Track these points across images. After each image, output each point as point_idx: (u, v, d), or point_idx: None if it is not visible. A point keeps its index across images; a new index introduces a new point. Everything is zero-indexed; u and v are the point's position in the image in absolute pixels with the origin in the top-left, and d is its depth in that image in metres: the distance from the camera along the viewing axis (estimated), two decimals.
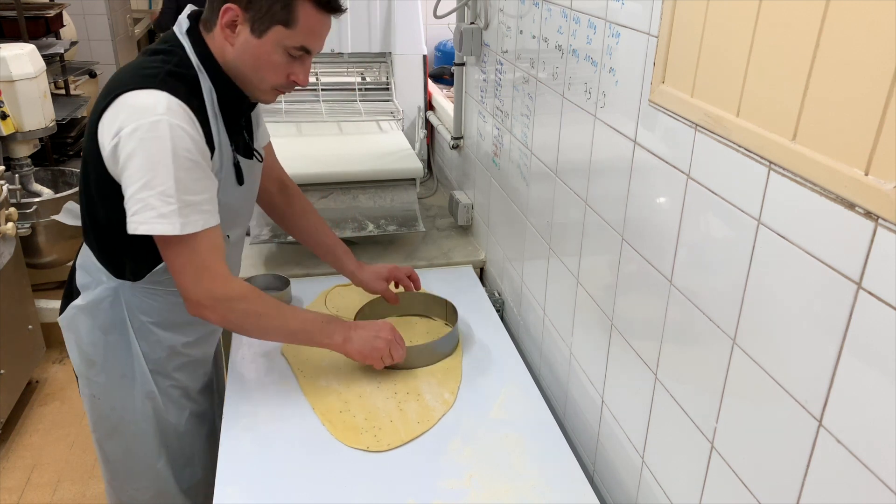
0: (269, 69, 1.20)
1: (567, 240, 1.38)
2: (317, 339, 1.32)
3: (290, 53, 1.18)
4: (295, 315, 1.31)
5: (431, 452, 1.26)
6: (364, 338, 1.34)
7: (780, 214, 0.76)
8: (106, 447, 1.44)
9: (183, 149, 1.10)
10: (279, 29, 1.15)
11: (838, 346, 0.69)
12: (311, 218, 1.61)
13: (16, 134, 2.82)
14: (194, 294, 1.19)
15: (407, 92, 2.44)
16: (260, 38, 1.16)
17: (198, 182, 1.14)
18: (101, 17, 4.52)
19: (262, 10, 1.14)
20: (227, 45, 1.18)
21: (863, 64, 0.64)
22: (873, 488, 0.66)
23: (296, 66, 1.21)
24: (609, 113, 1.15)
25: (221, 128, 1.23)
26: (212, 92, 1.20)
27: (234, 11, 1.15)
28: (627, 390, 1.17)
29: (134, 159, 1.09)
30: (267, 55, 1.18)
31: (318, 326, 1.32)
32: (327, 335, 1.32)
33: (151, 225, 1.11)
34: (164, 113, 1.09)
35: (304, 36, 1.17)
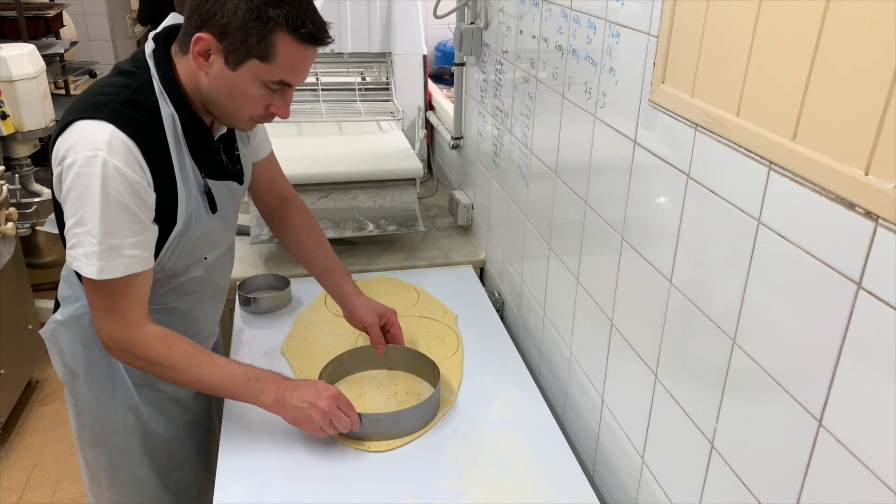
0: (245, 101, 1.13)
1: (567, 240, 1.38)
2: (239, 398, 1.21)
3: (267, 87, 1.11)
4: (212, 370, 1.19)
5: (431, 452, 1.26)
6: (297, 405, 1.19)
7: (780, 214, 0.76)
8: (88, 455, 1.41)
9: (113, 189, 1.05)
10: (255, 63, 1.08)
11: (838, 346, 0.69)
12: (311, 235, 1.51)
13: (16, 134, 2.82)
14: (101, 333, 1.17)
15: (407, 92, 2.44)
16: (235, 70, 1.08)
17: (124, 226, 1.08)
18: (101, 17, 4.52)
19: (237, 43, 1.06)
20: (200, 73, 1.11)
21: (863, 64, 0.64)
22: (873, 488, 0.66)
23: (276, 98, 1.14)
24: (609, 113, 1.15)
25: (186, 156, 1.16)
26: (174, 119, 1.13)
27: (205, 41, 1.07)
28: (627, 390, 1.17)
29: (70, 192, 1.06)
30: (242, 88, 1.10)
31: (241, 384, 1.19)
32: (254, 395, 1.20)
33: (79, 262, 1.09)
34: (101, 148, 1.04)
35: (283, 70, 1.09)
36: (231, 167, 1.29)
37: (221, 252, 1.36)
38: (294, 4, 1.06)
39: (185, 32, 1.12)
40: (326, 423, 1.20)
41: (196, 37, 1.07)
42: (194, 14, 1.08)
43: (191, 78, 1.14)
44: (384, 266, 1.93)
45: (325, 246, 1.50)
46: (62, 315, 1.30)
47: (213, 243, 1.31)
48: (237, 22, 1.05)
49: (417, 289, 1.80)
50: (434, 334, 1.61)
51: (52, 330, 1.32)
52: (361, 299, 1.46)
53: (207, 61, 1.09)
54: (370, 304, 1.46)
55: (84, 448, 1.41)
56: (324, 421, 1.19)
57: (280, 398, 1.20)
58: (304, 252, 1.51)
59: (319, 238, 1.51)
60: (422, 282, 1.84)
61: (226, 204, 1.28)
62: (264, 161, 1.46)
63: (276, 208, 1.51)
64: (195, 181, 1.19)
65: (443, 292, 1.79)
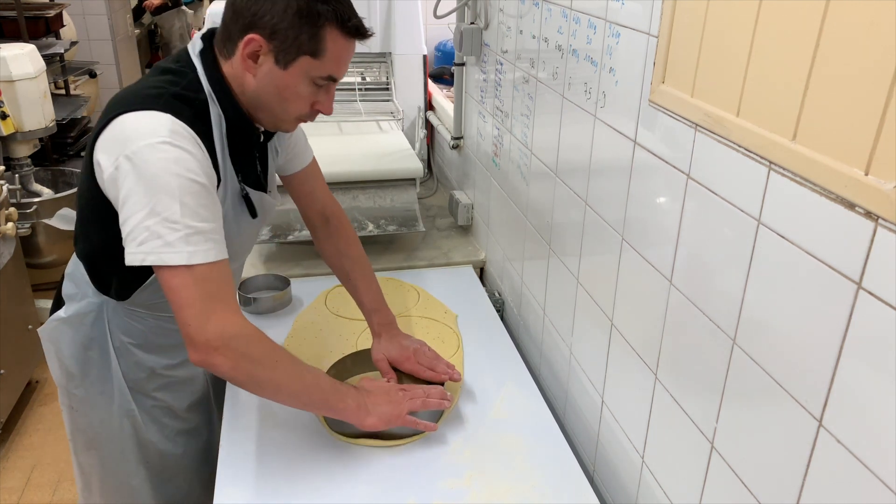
0: (294, 100, 1.13)
1: (567, 240, 1.38)
2: (331, 400, 1.16)
3: (315, 83, 1.11)
4: (309, 369, 1.15)
5: (431, 452, 1.26)
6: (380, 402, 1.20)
7: (780, 214, 0.76)
8: (81, 459, 1.40)
9: (187, 170, 1.02)
10: (306, 59, 1.08)
11: (838, 346, 0.69)
12: (346, 263, 1.45)
13: (16, 134, 2.82)
14: (203, 333, 1.02)
15: (407, 92, 2.44)
16: (285, 69, 1.08)
17: (205, 208, 1.03)
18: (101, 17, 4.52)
19: (288, 41, 1.06)
20: (247, 74, 1.10)
21: (863, 64, 0.64)
22: (873, 488, 0.66)
23: (321, 95, 1.14)
24: (609, 113, 1.15)
25: (227, 158, 1.15)
26: (221, 120, 1.13)
27: (257, 42, 1.06)
28: (627, 390, 1.17)
29: (136, 185, 1.00)
30: (293, 87, 1.10)
31: (331, 385, 1.17)
32: (341, 398, 1.17)
33: (159, 255, 1.00)
34: (167, 136, 1.01)
35: (331, 65, 1.10)
36: (263, 179, 1.27)
37: (240, 265, 1.36)
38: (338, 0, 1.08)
39: (228, 35, 1.11)
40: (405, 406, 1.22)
41: (247, 38, 1.06)
42: (240, 17, 1.07)
43: (237, 81, 1.13)
44: (384, 266, 1.93)
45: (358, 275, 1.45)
46: (66, 313, 1.28)
47: (237, 252, 1.29)
48: (288, 20, 1.05)
49: (417, 289, 1.80)
50: (434, 334, 1.61)
51: (52, 328, 1.30)
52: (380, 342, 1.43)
53: (256, 63, 1.09)
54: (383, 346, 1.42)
55: (78, 451, 1.40)
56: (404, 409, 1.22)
57: (361, 404, 1.19)
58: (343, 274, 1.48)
59: (353, 266, 1.45)
60: (422, 282, 1.84)
61: (262, 212, 1.27)
62: (302, 172, 1.43)
63: (317, 227, 1.47)
64: (231, 185, 1.18)
65: (443, 292, 1.79)
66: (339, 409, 1.17)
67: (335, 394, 1.16)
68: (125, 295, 1.24)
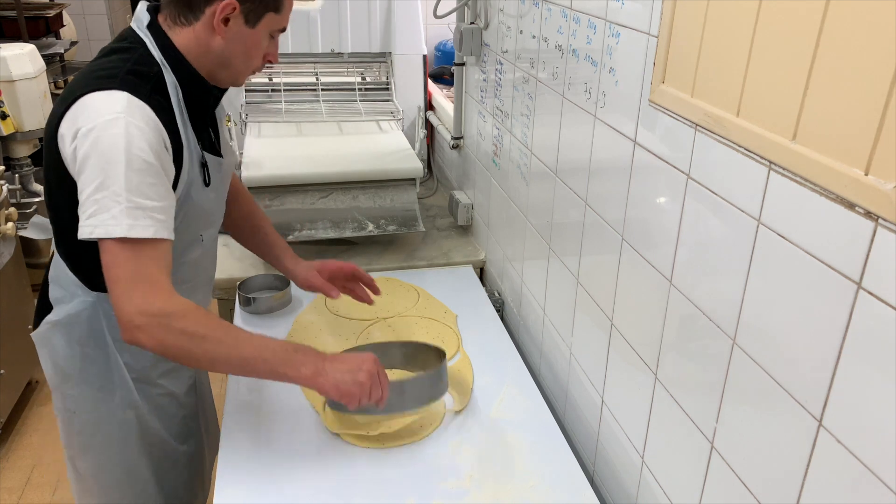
0: (256, 55, 1.22)
1: (567, 240, 1.38)
2: (279, 369, 1.12)
3: (271, 36, 1.23)
4: (251, 341, 1.11)
5: (432, 452, 1.26)
6: (342, 370, 1.14)
7: (780, 214, 0.76)
8: (79, 464, 1.37)
9: (137, 148, 1.04)
10: (270, 16, 1.19)
11: (838, 346, 0.69)
12: (253, 221, 1.55)
13: (16, 134, 2.82)
14: (126, 309, 1.04)
15: (407, 92, 2.44)
16: (254, 27, 1.18)
17: (151, 187, 1.06)
18: (101, 17, 4.52)
19: (257, 1, 1.16)
20: (216, 37, 1.17)
21: (863, 64, 0.64)
22: (873, 488, 0.66)
23: (272, 47, 1.25)
24: (609, 113, 1.15)
25: (188, 124, 1.19)
26: (177, 87, 1.17)
27: (231, 5, 1.14)
28: (627, 390, 1.17)
29: (90, 158, 1.04)
30: (257, 42, 1.20)
31: (279, 356, 1.12)
32: (293, 366, 1.12)
33: (103, 226, 1.03)
34: (122, 112, 1.05)
35: (285, 17, 1.22)
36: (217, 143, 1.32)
37: (213, 233, 1.37)
38: None
39: (186, 4, 1.16)
40: (365, 395, 1.15)
41: (223, 4, 1.13)
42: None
43: (192, 46, 1.18)
44: (384, 266, 1.93)
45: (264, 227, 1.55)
46: (57, 315, 1.26)
47: (208, 221, 1.32)
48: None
49: (417, 289, 1.80)
50: (434, 334, 1.61)
51: (45, 331, 1.28)
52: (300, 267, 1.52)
53: (227, 26, 1.16)
54: (307, 265, 1.52)
55: (74, 456, 1.38)
56: (363, 393, 1.15)
57: (320, 368, 1.13)
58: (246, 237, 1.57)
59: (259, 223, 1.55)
60: (422, 282, 1.84)
61: (218, 179, 1.30)
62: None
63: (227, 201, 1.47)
64: (195, 151, 1.21)
65: (443, 292, 1.79)
66: (292, 378, 1.13)
67: (286, 364, 1.12)
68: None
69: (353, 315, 1.66)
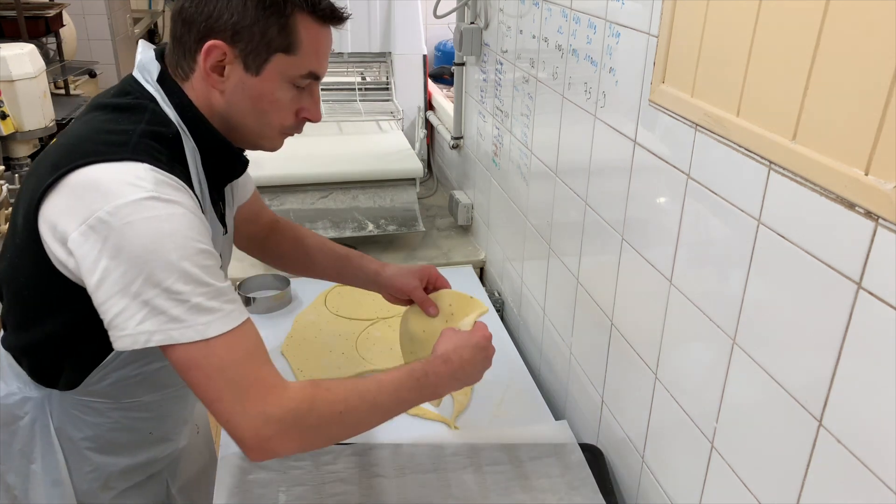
0: (274, 110, 0.95)
1: (567, 240, 1.38)
2: (426, 394, 0.99)
3: (295, 85, 0.95)
4: (382, 388, 0.94)
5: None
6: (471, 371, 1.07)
7: (780, 214, 0.76)
8: None
9: (185, 229, 0.83)
10: (280, 58, 0.91)
11: (838, 346, 0.69)
12: (311, 240, 1.32)
13: (15, 134, 2.82)
14: (247, 427, 0.83)
15: (407, 92, 2.44)
16: (258, 74, 0.92)
17: (209, 270, 0.84)
18: (101, 17, 4.51)
19: (255, 39, 0.89)
20: (213, 91, 0.93)
21: (863, 63, 0.64)
22: (873, 488, 0.66)
23: (305, 99, 0.97)
24: (609, 113, 1.15)
25: (207, 198, 0.97)
26: (195, 153, 0.94)
27: (219, 49, 0.89)
28: (627, 390, 1.17)
29: (121, 253, 0.80)
30: (270, 94, 0.94)
31: (415, 387, 0.97)
32: (433, 392, 1.00)
33: (166, 333, 0.81)
34: (151, 189, 0.82)
35: (309, 59, 0.94)
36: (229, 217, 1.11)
37: None
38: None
39: (182, 51, 0.93)
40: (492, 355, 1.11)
41: (207, 47, 0.89)
42: (192, 25, 0.90)
43: (203, 102, 0.95)
44: None
45: (327, 243, 1.33)
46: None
47: None
48: (251, 15, 0.88)
49: None
50: None
51: None
52: (391, 270, 1.27)
53: (223, 75, 0.92)
54: (402, 270, 1.27)
55: None
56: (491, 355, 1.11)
57: (455, 376, 1.03)
58: (310, 262, 1.32)
59: (319, 241, 1.33)
60: None
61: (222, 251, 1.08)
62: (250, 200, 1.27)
63: (265, 237, 1.32)
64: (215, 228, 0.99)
65: None
66: (440, 394, 1.02)
67: (423, 387, 0.98)
68: (76, 382, 0.98)
69: (353, 315, 1.66)
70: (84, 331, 0.89)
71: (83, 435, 1.02)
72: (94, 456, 1.03)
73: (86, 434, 1.02)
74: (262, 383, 0.85)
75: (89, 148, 0.85)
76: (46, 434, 1.01)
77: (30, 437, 1.01)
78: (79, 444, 1.02)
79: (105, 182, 0.82)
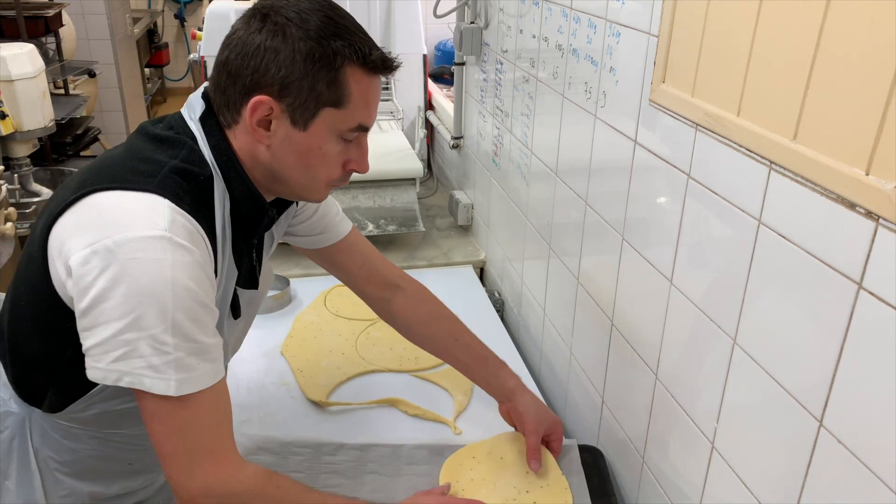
0: (321, 165, 0.92)
1: (567, 240, 1.38)
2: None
3: (344, 138, 0.91)
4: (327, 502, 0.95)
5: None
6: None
7: (780, 214, 0.76)
8: None
9: (188, 278, 0.81)
10: (328, 112, 0.88)
11: (839, 346, 0.69)
12: (445, 325, 1.26)
13: (15, 133, 2.81)
14: (187, 488, 0.84)
15: (407, 92, 2.44)
16: (305, 129, 0.88)
17: (201, 325, 0.83)
18: (100, 16, 4.51)
19: (304, 95, 0.86)
20: (259, 146, 0.90)
21: (863, 63, 0.64)
22: (873, 488, 0.66)
23: (352, 151, 0.94)
24: (609, 112, 1.15)
25: (228, 248, 0.93)
26: (226, 203, 0.91)
27: (266, 104, 0.86)
28: (627, 390, 1.17)
29: (115, 286, 0.78)
30: (318, 149, 0.90)
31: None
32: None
33: (139, 377, 0.80)
34: (166, 229, 0.80)
35: (359, 112, 0.90)
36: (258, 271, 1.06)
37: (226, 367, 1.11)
38: (353, 31, 0.90)
39: (226, 101, 0.90)
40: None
41: (254, 102, 0.86)
42: (237, 78, 0.87)
43: (245, 153, 0.92)
44: None
45: (466, 334, 1.26)
46: None
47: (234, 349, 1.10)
48: (299, 69, 0.85)
49: None
50: None
51: None
52: (527, 398, 1.22)
53: (269, 130, 0.88)
54: (537, 408, 1.22)
55: None
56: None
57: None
58: (441, 346, 1.27)
59: (456, 326, 1.26)
60: (422, 282, 1.83)
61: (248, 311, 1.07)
62: (344, 244, 1.20)
63: (387, 300, 1.25)
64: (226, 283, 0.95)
65: (443, 292, 1.78)
66: None
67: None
68: (60, 407, 0.95)
69: (353, 315, 1.65)
70: (72, 358, 0.86)
71: (61, 459, 1.00)
72: (68, 480, 1.01)
73: (63, 458, 1.00)
74: (217, 455, 0.85)
75: (117, 173, 0.85)
76: (24, 452, 0.99)
77: (7, 452, 0.99)
78: (54, 467, 1.00)
79: (121, 210, 0.81)
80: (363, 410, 1.36)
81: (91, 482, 1.02)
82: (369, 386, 1.43)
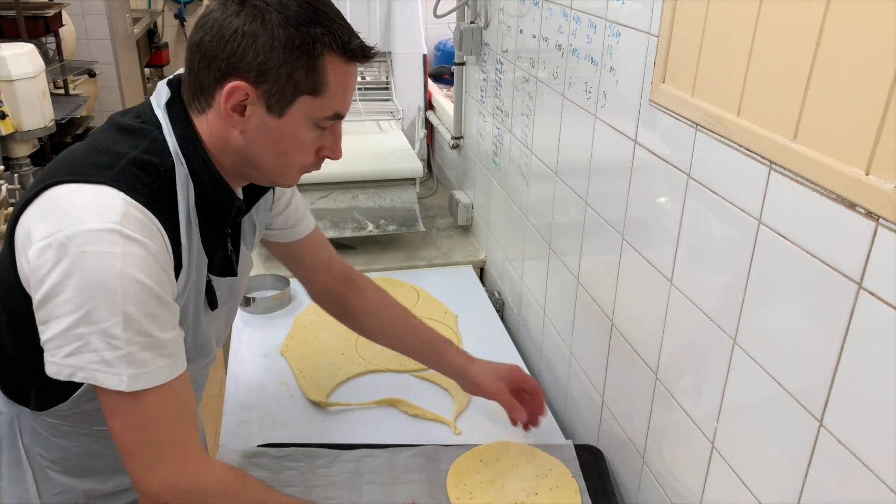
0: (295, 151, 0.92)
1: (567, 240, 1.38)
2: None
3: (319, 125, 0.91)
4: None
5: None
6: None
7: (780, 214, 0.76)
8: None
9: (138, 272, 0.79)
10: (305, 100, 0.87)
11: (838, 346, 0.69)
12: (393, 312, 1.28)
13: (15, 133, 2.82)
14: (149, 485, 0.83)
15: (407, 91, 2.44)
16: (281, 116, 0.87)
17: (154, 319, 0.81)
18: (100, 16, 4.51)
19: (281, 82, 0.85)
20: (233, 131, 0.89)
21: (863, 63, 0.63)
22: (873, 488, 0.66)
23: (327, 138, 0.94)
24: (609, 112, 1.15)
25: (195, 237, 0.91)
26: (189, 191, 0.89)
27: (242, 90, 0.85)
28: (627, 390, 1.17)
29: (66, 280, 0.77)
30: (293, 135, 0.89)
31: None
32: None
33: (92, 372, 0.79)
34: (117, 222, 0.79)
35: (335, 100, 0.89)
36: (235, 261, 1.04)
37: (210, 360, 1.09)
38: (332, 18, 0.88)
39: (198, 85, 0.88)
40: None
41: (230, 87, 0.85)
42: (212, 61, 0.85)
43: (216, 140, 0.91)
44: (384, 266, 1.92)
45: (413, 319, 1.28)
46: None
47: (207, 347, 1.05)
48: (277, 56, 0.84)
49: (417, 289, 1.79)
50: None
51: None
52: (477, 368, 1.24)
53: (244, 115, 0.87)
54: (489, 369, 1.24)
55: None
56: None
57: None
58: (389, 333, 1.29)
59: (403, 312, 1.28)
60: (422, 282, 1.83)
61: (230, 297, 1.06)
62: (310, 240, 1.22)
63: (340, 293, 1.27)
64: (197, 272, 0.94)
65: (443, 292, 1.79)
66: None
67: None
68: (44, 406, 0.95)
69: None
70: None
71: (52, 457, 1.00)
72: (61, 478, 1.01)
73: (54, 456, 0.99)
74: (180, 450, 0.85)
75: (76, 166, 0.84)
76: (15, 452, 0.99)
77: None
78: (46, 465, 1.00)
79: (73, 203, 0.80)
80: (363, 410, 1.36)
81: (84, 479, 1.02)
82: (369, 386, 1.43)
